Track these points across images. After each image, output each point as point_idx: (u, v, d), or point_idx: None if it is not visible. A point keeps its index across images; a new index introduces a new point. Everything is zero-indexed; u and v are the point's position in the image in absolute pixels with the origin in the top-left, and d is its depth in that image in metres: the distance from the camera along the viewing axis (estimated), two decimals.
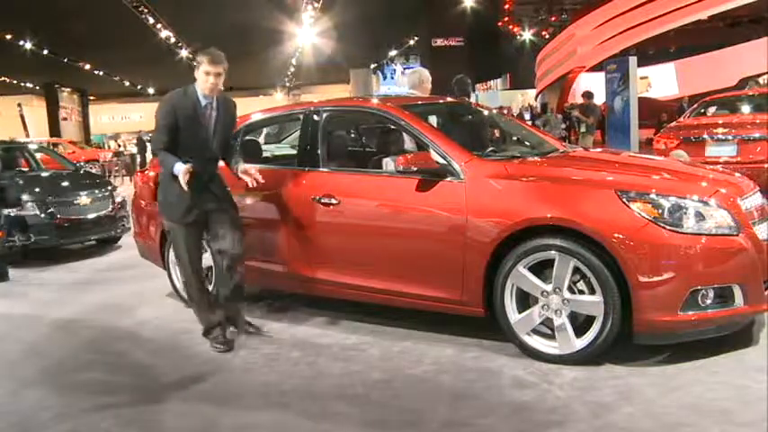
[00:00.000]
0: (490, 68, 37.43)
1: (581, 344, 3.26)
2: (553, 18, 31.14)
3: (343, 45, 26.96)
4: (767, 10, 21.00)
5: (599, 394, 2.97)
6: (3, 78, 31.16)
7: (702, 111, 8.94)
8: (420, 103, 4.82)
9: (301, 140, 4.38)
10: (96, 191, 7.44)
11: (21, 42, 23.24)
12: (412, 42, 35.34)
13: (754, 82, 12.56)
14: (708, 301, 3.14)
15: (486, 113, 5.27)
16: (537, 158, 3.99)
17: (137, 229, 5.25)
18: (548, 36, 31.51)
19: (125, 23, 21.17)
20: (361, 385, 3.25)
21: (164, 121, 3.74)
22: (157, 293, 5.17)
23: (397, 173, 3.74)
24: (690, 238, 3.12)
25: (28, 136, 28.97)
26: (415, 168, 3.64)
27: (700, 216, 3.18)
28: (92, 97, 41.33)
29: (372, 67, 38.14)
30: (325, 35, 25.84)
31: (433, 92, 5.73)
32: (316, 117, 4.32)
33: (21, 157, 8.50)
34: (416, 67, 9.15)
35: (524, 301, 3.42)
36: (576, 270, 3.23)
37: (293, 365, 3.57)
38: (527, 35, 34.33)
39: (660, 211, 3.16)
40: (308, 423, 2.92)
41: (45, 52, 25.16)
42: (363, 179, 4.07)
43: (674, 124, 9.11)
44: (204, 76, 3.73)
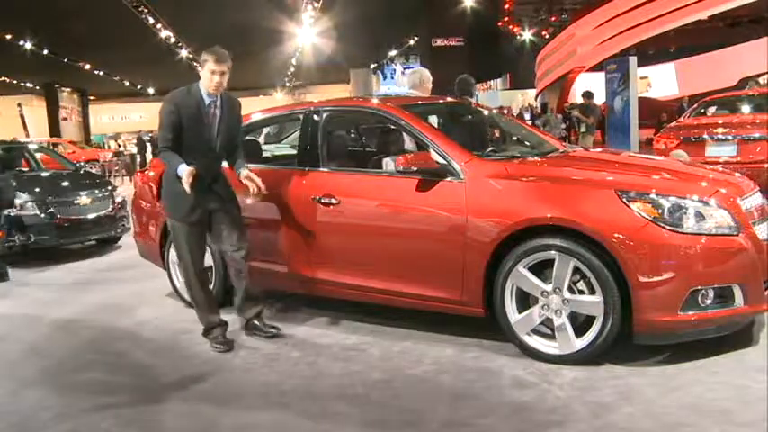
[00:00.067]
0: (490, 68, 37.42)
1: (581, 344, 3.26)
2: (553, 18, 31.14)
3: (343, 45, 26.95)
4: (767, 10, 21.01)
5: (599, 394, 2.97)
6: (3, 78, 31.14)
7: (702, 111, 8.94)
8: (420, 103, 4.83)
9: (301, 140, 4.38)
10: (96, 191, 7.44)
11: (21, 42, 23.22)
12: (412, 42, 35.34)
13: (754, 82, 12.56)
14: (708, 301, 3.14)
15: (486, 113, 5.27)
16: (537, 158, 4.00)
17: (137, 229, 5.25)
18: (548, 36, 31.51)
19: (125, 23, 21.16)
20: (361, 385, 3.25)
21: (167, 120, 3.72)
22: (157, 293, 5.17)
23: (397, 173, 3.74)
24: (690, 238, 3.12)
25: (28, 136, 28.97)
26: (415, 168, 3.64)
27: (700, 216, 3.18)
28: (92, 97, 41.31)
29: (372, 67, 38.15)
30: (325, 35, 25.83)
31: (433, 92, 5.73)
32: (316, 117, 4.32)
33: (20, 158, 8.49)
34: (417, 67, 9.12)
35: (524, 301, 3.42)
36: (576, 270, 3.23)
37: (293, 365, 3.57)
38: (527, 35, 34.34)
39: (660, 211, 3.16)
40: (308, 423, 2.92)
41: (45, 52, 25.13)
42: (363, 179, 4.07)
43: (674, 124, 9.11)
44: (209, 74, 3.72)
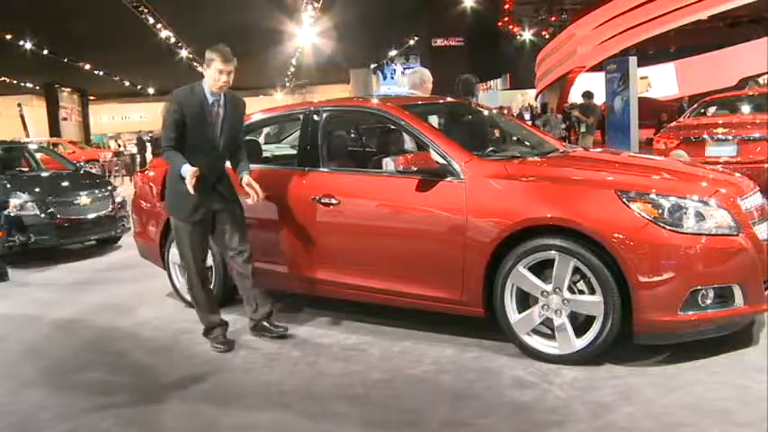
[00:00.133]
0: (490, 68, 37.38)
1: (581, 344, 3.26)
2: (553, 18, 31.13)
3: (343, 45, 26.94)
4: (767, 10, 21.00)
5: (599, 394, 2.97)
6: (3, 78, 31.13)
7: (702, 111, 8.94)
8: (420, 103, 4.83)
9: (301, 140, 4.38)
10: (96, 191, 7.44)
11: (21, 42, 23.21)
12: (412, 42, 35.33)
13: (754, 82, 12.54)
14: (708, 301, 3.14)
15: (486, 113, 5.27)
16: (537, 158, 4.00)
17: (137, 229, 5.24)
18: (548, 36, 31.50)
19: (125, 23, 21.15)
20: (361, 385, 3.25)
21: (170, 119, 3.73)
22: (157, 293, 5.17)
23: (397, 173, 3.74)
24: (690, 238, 3.12)
25: (28, 136, 28.97)
26: (415, 168, 3.64)
27: (700, 216, 3.18)
28: (92, 97, 41.30)
29: (372, 67, 38.16)
30: (325, 35, 25.82)
31: (434, 92, 5.73)
32: (316, 117, 4.32)
33: (20, 158, 8.49)
34: (417, 67, 9.11)
35: (524, 301, 3.42)
36: (576, 270, 3.23)
37: (293, 365, 3.57)
38: (527, 35, 34.33)
39: (660, 211, 3.16)
40: (308, 423, 2.92)
41: (45, 52, 25.12)
42: (363, 179, 4.07)
43: (674, 124, 9.11)
44: (217, 74, 3.72)
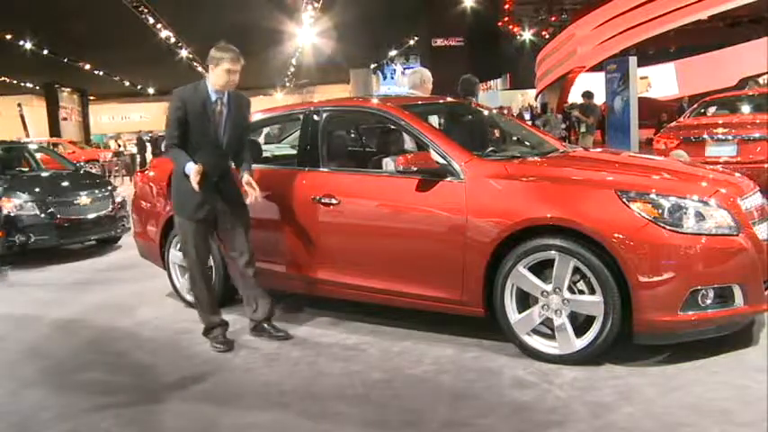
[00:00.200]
0: (490, 68, 37.38)
1: (581, 344, 3.26)
2: (553, 18, 31.13)
3: (343, 45, 26.93)
4: (767, 10, 21.00)
5: (599, 394, 2.97)
6: (3, 78, 31.12)
7: (702, 111, 8.94)
8: (420, 103, 4.83)
9: (301, 140, 4.38)
10: (96, 191, 7.44)
11: (21, 42, 23.21)
12: (412, 42, 35.32)
13: (754, 82, 12.53)
14: (708, 301, 3.14)
15: (487, 113, 5.27)
16: (537, 158, 4.00)
17: (137, 229, 5.24)
18: (548, 36, 31.50)
19: (125, 23, 21.16)
20: (361, 385, 3.25)
21: (174, 116, 3.74)
22: (157, 293, 5.17)
23: (397, 173, 3.73)
24: (690, 238, 3.12)
25: (28, 136, 28.98)
26: (415, 168, 3.64)
27: (700, 216, 3.18)
28: (92, 97, 41.30)
29: (372, 67, 38.16)
30: (325, 35, 25.82)
31: (434, 92, 5.73)
32: (316, 117, 4.32)
33: (20, 158, 8.49)
34: (417, 67, 9.11)
35: (524, 301, 3.42)
36: (576, 270, 3.23)
37: (293, 365, 3.57)
38: (527, 35, 34.33)
39: (660, 211, 3.16)
40: (308, 423, 2.92)
41: (45, 52, 25.12)
42: (363, 179, 4.07)
43: (674, 124, 9.10)
44: (225, 74, 3.72)
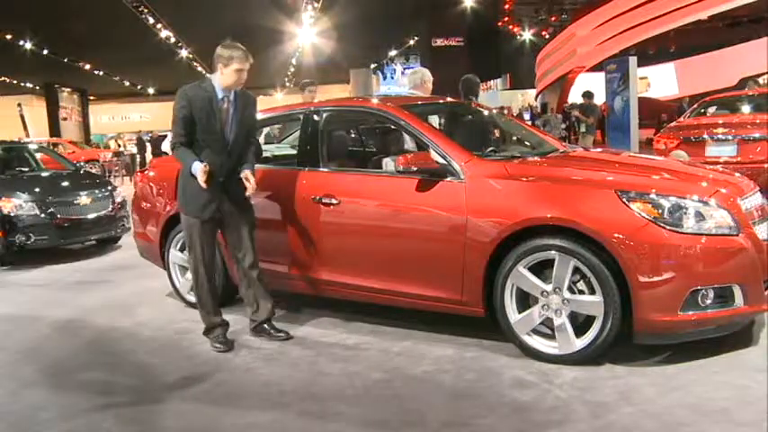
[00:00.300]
0: (490, 68, 37.44)
1: (581, 344, 3.26)
2: (553, 18, 31.16)
3: (343, 45, 26.94)
4: (767, 10, 21.01)
5: (599, 394, 2.97)
6: (3, 78, 31.13)
7: (702, 111, 8.94)
8: (420, 103, 4.82)
9: (301, 140, 4.38)
10: (96, 191, 7.43)
11: (21, 42, 23.22)
12: (412, 42, 35.35)
13: (754, 82, 12.53)
14: (708, 301, 3.14)
15: (486, 113, 5.27)
16: (537, 158, 4.00)
17: (137, 229, 5.24)
18: (548, 36, 31.52)
19: (125, 23, 21.16)
20: (362, 385, 3.25)
21: (179, 114, 3.73)
22: (157, 293, 5.17)
23: (398, 173, 3.73)
24: (690, 238, 3.12)
25: (28, 136, 28.97)
26: (415, 168, 3.63)
27: (700, 216, 3.18)
28: (92, 97, 41.28)
29: (372, 67, 38.13)
30: (325, 35, 25.83)
31: (434, 92, 5.73)
32: (316, 117, 4.32)
33: (20, 158, 8.49)
34: (417, 67, 9.11)
35: (524, 301, 3.42)
36: (576, 270, 3.23)
37: (293, 365, 3.57)
38: (527, 35, 34.36)
39: (660, 211, 3.16)
40: (308, 423, 2.92)
41: (45, 52, 25.12)
42: (363, 179, 4.07)
43: (674, 124, 9.10)
44: (235, 74, 3.72)
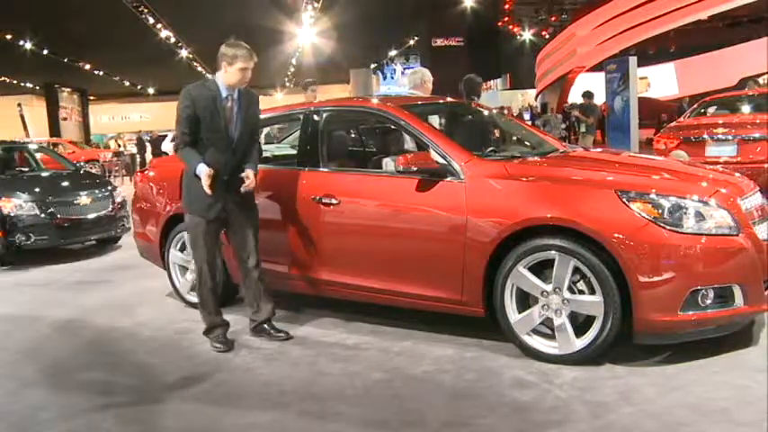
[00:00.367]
0: (490, 68, 37.43)
1: (581, 344, 3.26)
2: (553, 18, 31.17)
3: (343, 45, 26.94)
4: (767, 10, 21.01)
5: (599, 394, 2.97)
6: (3, 78, 31.13)
7: (702, 111, 8.94)
8: (420, 103, 4.82)
9: (301, 140, 4.38)
10: (96, 191, 7.43)
11: (21, 42, 23.23)
12: (412, 42, 35.35)
13: (754, 82, 12.53)
14: (708, 301, 3.14)
15: (487, 113, 5.27)
16: (537, 158, 4.00)
17: (137, 229, 5.24)
18: (548, 36, 31.53)
19: (125, 23, 21.17)
20: (362, 385, 3.25)
21: (183, 114, 3.72)
22: (157, 293, 5.17)
23: (398, 173, 3.73)
24: (690, 238, 3.12)
25: (28, 136, 28.97)
26: (415, 168, 3.63)
27: (700, 216, 3.18)
28: (92, 97, 41.28)
29: (372, 67, 38.13)
30: (325, 35, 25.83)
31: (434, 92, 5.73)
32: (316, 117, 4.32)
33: (20, 158, 8.50)
34: (417, 67, 9.11)
35: (524, 301, 3.42)
36: (576, 270, 3.23)
37: (293, 365, 3.57)
38: (527, 35, 34.37)
39: (660, 211, 3.16)
40: (308, 423, 2.92)
41: (45, 52, 25.13)
42: (363, 179, 4.07)
43: (674, 124, 9.10)
44: (240, 73, 3.72)
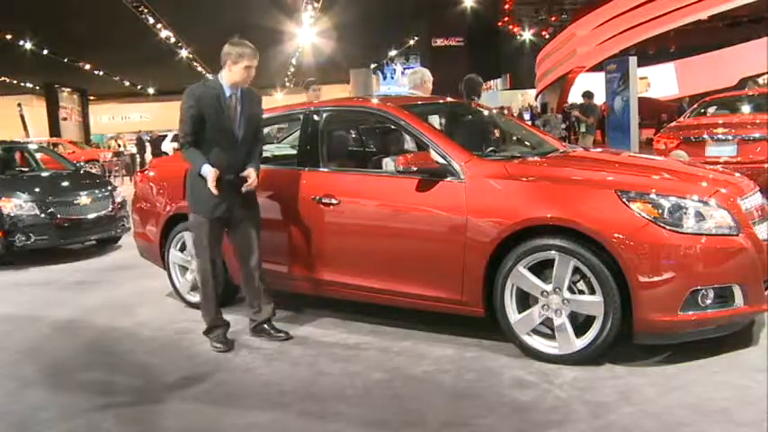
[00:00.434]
0: (490, 68, 37.42)
1: (581, 344, 3.26)
2: (553, 18, 31.17)
3: (343, 45, 26.93)
4: (767, 10, 21.01)
5: (599, 394, 2.97)
6: (3, 78, 31.13)
7: (702, 111, 8.94)
8: (420, 103, 4.82)
9: (301, 140, 4.38)
10: (96, 191, 7.43)
11: (21, 42, 23.22)
12: (412, 42, 35.35)
13: (754, 82, 12.53)
14: (708, 301, 3.14)
15: (486, 113, 5.26)
16: (537, 158, 4.00)
17: (137, 229, 5.24)
18: (548, 36, 31.53)
19: (125, 23, 21.16)
20: (362, 385, 3.25)
21: (187, 114, 3.72)
22: (157, 293, 5.17)
23: (398, 173, 3.73)
24: (690, 238, 3.13)
25: (28, 136, 28.98)
26: (415, 168, 3.63)
27: (700, 216, 3.18)
28: (92, 97, 41.29)
29: (372, 67, 38.13)
30: (325, 35, 25.82)
31: (434, 92, 5.73)
32: (316, 117, 4.32)
33: (20, 158, 8.51)
34: (417, 67, 9.10)
35: (524, 301, 3.42)
36: (576, 270, 3.23)
37: (293, 365, 3.57)
38: (527, 35, 34.37)
39: (660, 211, 3.16)
40: (308, 423, 2.92)
41: (45, 52, 25.12)
42: (363, 179, 4.07)
43: (674, 124, 9.11)
44: (244, 71, 3.75)
